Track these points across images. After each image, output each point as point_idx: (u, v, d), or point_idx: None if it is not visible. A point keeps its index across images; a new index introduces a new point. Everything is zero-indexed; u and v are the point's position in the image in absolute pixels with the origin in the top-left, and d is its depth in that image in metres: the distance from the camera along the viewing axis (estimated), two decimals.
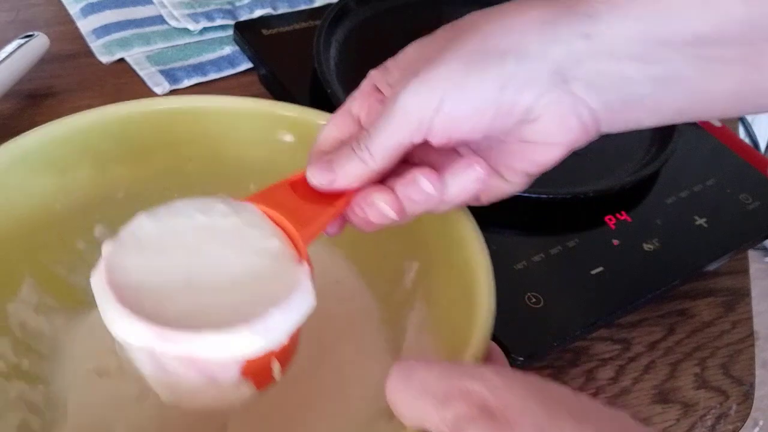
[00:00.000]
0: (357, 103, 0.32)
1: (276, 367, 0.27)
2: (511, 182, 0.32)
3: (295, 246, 0.28)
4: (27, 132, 0.34)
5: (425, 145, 0.30)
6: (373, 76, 0.32)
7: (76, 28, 0.61)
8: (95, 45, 0.59)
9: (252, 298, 0.26)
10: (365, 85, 0.33)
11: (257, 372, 0.27)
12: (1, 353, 0.33)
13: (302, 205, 0.29)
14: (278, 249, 0.28)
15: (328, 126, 0.32)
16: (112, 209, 0.37)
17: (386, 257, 0.38)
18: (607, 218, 0.48)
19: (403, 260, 0.37)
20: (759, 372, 0.47)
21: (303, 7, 0.65)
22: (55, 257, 0.37)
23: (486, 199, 0.33)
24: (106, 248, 0.27)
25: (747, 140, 0.84)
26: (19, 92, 0.53)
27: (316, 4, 0.66)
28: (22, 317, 0.34)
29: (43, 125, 0.35)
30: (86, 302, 0.36)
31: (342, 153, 0.30)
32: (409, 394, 0.22)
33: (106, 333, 0.32)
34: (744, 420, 0.44)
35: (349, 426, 0.34)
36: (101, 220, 0.38)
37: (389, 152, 0.29)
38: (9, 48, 0.52)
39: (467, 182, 0.30)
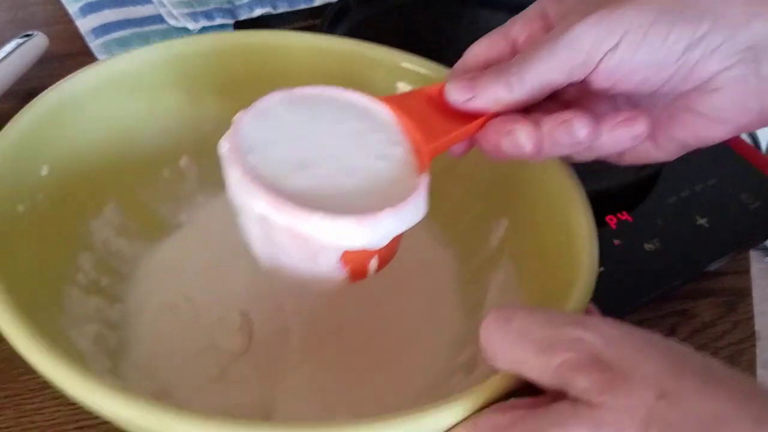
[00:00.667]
0: (518, 27, 0.30)
1: (373, 264, 0.28)
2: (663, 150, 0.30)
3: (419, 157, 0.28)
4: (121, 54, 0.34)
5: (580, 84, 0.27)
6: (545, 2, 0.30)
7: (75, 28, 0.60)
8: (94, 44, 0.59)
9: (367, 194, 0.27)
10: (532, 9, 0.30)
11: (355, 264, 0.27)
12: (83, 267, 0.34)
13: (434, 118, 0.29)
14: (401, 156, 0.28)
15: (479, 43, 0.30)
16: (199, 141, 0.37)
17: (472, 215, 0.37)
18: (608, 218, 0.47)
19: (491, 218, 0.36)
20: (760, 372, 0.47)
21: (303, 6, 0.65)
22: (141, 183, 0.37)
23: (629, 159, 0.31)
24: (238, 116, 0.28)
25: (748, 140, 0.84)
26: (17, 92, 0.53)
27: (316, 4, 0.66)
28: (104, 236, 0.35)
29: (138, 49, 0.35)
30: (167, 230, 0.38)
31: (488, 73, 0.28)
32: (507, 339, 0.21)
33: (179, 267, 0.35)
34: None
35: (425, 379, 0.34)
36: (188, 151, 0.38)
37: (542, 85, 0.27)
38: (8, 47, 0.52)
39: (624, 138, 0.27)
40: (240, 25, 0.59)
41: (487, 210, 0.36)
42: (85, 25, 0.60)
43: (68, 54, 0.58)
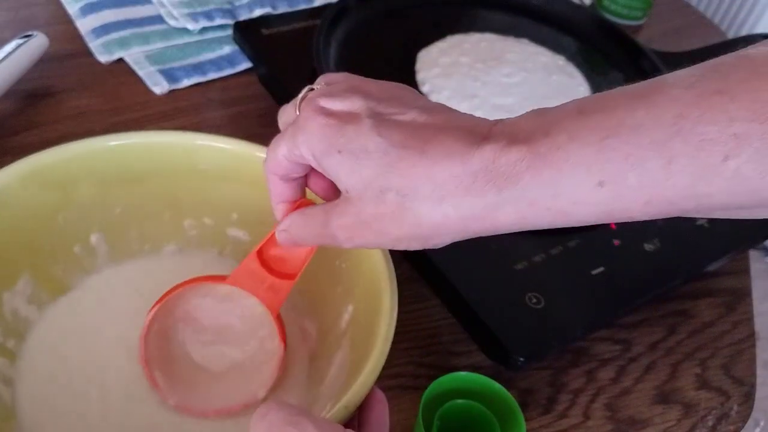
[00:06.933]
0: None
1: None
2: None
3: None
4: (40, 152, 0.38)
5: None
6: None
7: (75, 28, 0.61)
8: (94, 44, 0.59)
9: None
10: None
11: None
12: None
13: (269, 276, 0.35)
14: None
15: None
16: (109, 221, 0.41)
17: (330, 298, 0.40)
18: None
19: (343, 303, 0.39)
20: (760, 372, 0.47)
21: (303, 6, 0.65)
22: (53, 259, 0.40)
23: None
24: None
25: None
26: (18, 92, 0.53)
27: (316, 4, 0.66)
28: (15, 305, 0.38)
29: (53, 148, 0.38)
30: (65, 290, 0.41)
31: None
32: (261, 428, 0.26)
33: (66, 334, 0.39)
34: (745, 420, 0.44)
35: None
36: (99, 229, 0.41)
37: None
38: (8, 48, 0.52)
39: None
40: (240, 25, 0.59)
41: (340, 293, 0.39)
42: (85, 25, 0.60)
43: (68, 54, 0.58)
